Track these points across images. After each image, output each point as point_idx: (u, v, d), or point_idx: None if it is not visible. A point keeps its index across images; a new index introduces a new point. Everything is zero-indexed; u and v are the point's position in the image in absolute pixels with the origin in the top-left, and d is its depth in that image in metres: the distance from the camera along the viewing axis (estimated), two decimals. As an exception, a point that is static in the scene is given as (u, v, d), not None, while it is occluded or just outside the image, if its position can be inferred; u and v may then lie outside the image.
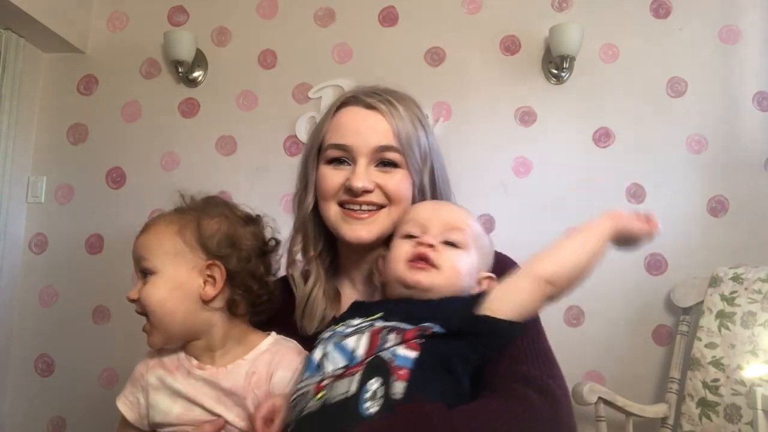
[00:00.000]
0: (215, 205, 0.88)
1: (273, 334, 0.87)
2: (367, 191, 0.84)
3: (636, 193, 1.96)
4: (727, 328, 1.63)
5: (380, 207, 0.85)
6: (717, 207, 1.92)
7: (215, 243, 0.82)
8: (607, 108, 2.00)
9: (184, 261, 0.81)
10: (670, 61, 1.99)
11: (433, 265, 0.75)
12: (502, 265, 0.86)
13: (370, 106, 0.85)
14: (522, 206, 1.99)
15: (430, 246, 0.76)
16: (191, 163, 2.12)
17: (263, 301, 0.86)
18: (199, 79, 2.14)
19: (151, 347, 0.84)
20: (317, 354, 0.70)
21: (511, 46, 2.06)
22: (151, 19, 2.19)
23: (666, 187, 1.95)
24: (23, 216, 2.12)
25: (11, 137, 2.02)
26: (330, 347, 0.69)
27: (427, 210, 0.82)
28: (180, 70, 2.07)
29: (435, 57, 2.07)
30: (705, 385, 1.61)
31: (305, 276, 0.92)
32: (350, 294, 0.93)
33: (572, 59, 1.95)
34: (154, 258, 0.82)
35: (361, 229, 0.85)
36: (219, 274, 0.81)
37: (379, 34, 2.11)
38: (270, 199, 1.98)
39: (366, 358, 0.64)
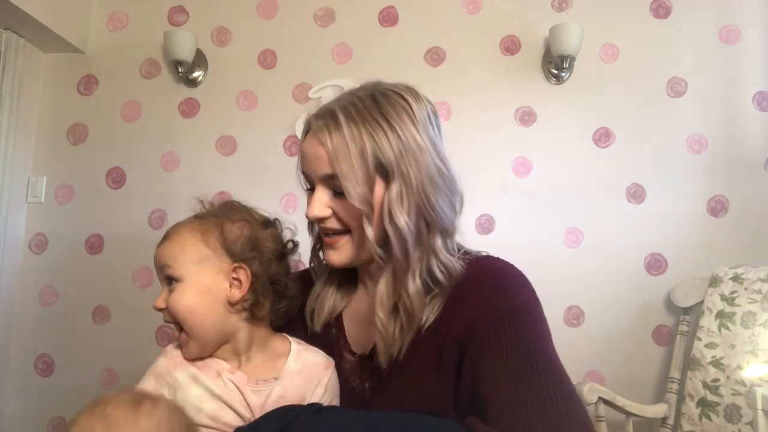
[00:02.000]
0: (235, 210, 0.89)
1: (293, 342, 0.88)
2: (320, 219, 0.84)
3: (636, 193, 1.96)
4: (727, 328, 1.63)
5: (345, 231, 0.84)
6: (717, 207, 1.93)
7: (239, 246, 0.84)
8: (607, 108, 2.00)
9: (209, 266, 0.82)
10: (670, 61, 1.99)
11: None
12: (502, 274, 0.85)
13: (313, 133, 0.82)
14: (522, 206, 1.99)
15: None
16: (191, 163, 2.12)
17: (285, 303, 0.88)
18: (199, 79, 2.14)
19: (186, 359, 0.83)
20: None
21: (511, 46, 2.06)
22: (151, 19, 2.19)
23: (666, 187, 1.95)
24: (23, 216, 2.12)
25: (11, 137, 2.02)
26: None
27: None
28: (180, 70, 2.07)
29: (435, 57, 2.07)
30: (705, 385, 1.61)
31: (322, 270, 0.94)
32: (361, 294, 0.94)
33: (572, 59, 1.95)
34: (179, 265, 0.82)
35: (331, 255, 0.86)
36: (245, 276, 0.83)
37: (379, 34, 2.11)
38: (270, 199, 1.99)
39: None
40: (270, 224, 0.91)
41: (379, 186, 0.80)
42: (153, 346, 2.02)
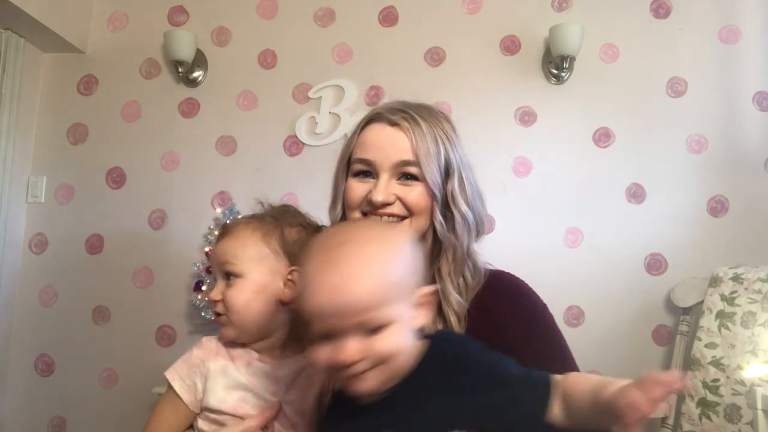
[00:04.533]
0: (292, 215, 0.94)
1: None
2: (387, 204, 0.89)
3: (636, 193, 1.96)
4: (727, 328, 1.63)
5: (402, 218, 0.91)
6: (717, 207, 1.92)
7: (297, 250, 0.88)
8: (607, 108, 2.00)
9: (268, 265, 0.87)
10: (670, 61, 1.99)
11: (372, 368, 0.64)
12: (521, 286, 0.92)
13: (393, 123, 0.90)
14: (522, 206, 1.99)
15: (352, 364, 0.63)
16: (191, 163, 2.12)
17: None
18: (199, 79, 2.14)
19: (223, 339, 0.88)
20: None
21: (511, 46, 2.06)
22: (151, 19, 2.19)
23: (666, 187, 1.95)
24: (23, 216, 2.12)
25: (11, 137, 2.02)
26: None
27: (318, 300, 0.63)
28: (180, 70, 2.07)
29: (435, 57, 2.07)
30: (705, 385, 1.61)
31: None
32: None
33: (572, 59, 1.95)
34: (240, 262, 0.86)
35: None
36: (299, 278, 0.86)
37: (379, 34, 2.11)
38: (270, 199, 1.98)
39: None
40: (320, 231, 0.95)
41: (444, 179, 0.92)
42: (153, 346, 2.03)
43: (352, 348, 0.62)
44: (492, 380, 0.65)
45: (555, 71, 2.01)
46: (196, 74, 2.13)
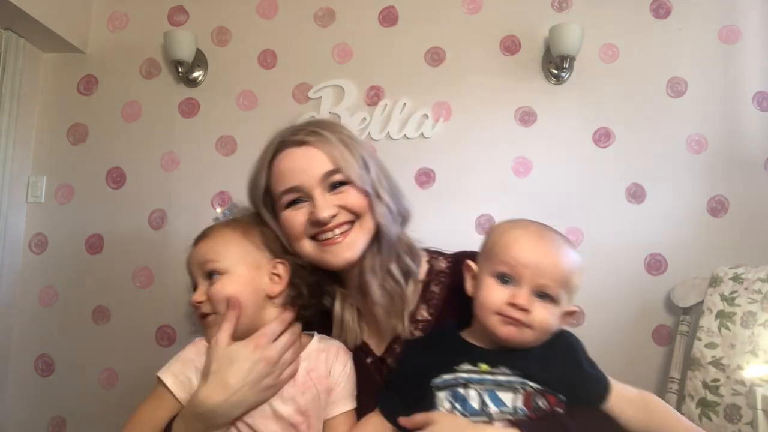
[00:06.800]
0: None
1: (316, 334, 0.95)
2: (332, 217, 0.90)
3: (636, 193, 1.96)
4: (727, 328, 1.63)
5: (352, 223, 0.92)
6: (717, 207, 1.92)
7: (278, 246, 0.91)
8: (607, 108, 2.00)
9: (252, 260, 0.89)
10: (670, 61, 1.99)
11: (525, 325, 0.80)
12: None
13: (300, 143, 0.93)
14: (522, 206, 1.99)
15: (524, 310, 0.79)
16: (191, 163, 2.12)
17: (314, 300, 0.94)
18: (199, 79, 2.14)
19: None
20: (474, 399, 0.78)
21: (511, 46, 2.06)
22: (151, 19, 2.19)
23: (666, 187, 1.95)
24: (23, 216, 2.12)
25: (11, 137, 2.02)
26: (486, 397, 0.78)
27: (526, 252, 0.83)
28: (180, 70, 2.07)
29: (435, 57, 2.07)
30: (705, 385, 1.61)
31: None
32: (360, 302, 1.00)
33: (572, 59, 1.95)
34: (223, 259, 0.87)
35: (343, 252, 0.91)
36: (284, 271, 0.90)
37: (379, 34, 2.11)
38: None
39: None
40: None
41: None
42: (153, 346, 2.03)
43: (530, 299, 0.79)
44: (574, 369, 0.84)
45: (555, 71, 2.01)
46: (196, 74, 2.13)
